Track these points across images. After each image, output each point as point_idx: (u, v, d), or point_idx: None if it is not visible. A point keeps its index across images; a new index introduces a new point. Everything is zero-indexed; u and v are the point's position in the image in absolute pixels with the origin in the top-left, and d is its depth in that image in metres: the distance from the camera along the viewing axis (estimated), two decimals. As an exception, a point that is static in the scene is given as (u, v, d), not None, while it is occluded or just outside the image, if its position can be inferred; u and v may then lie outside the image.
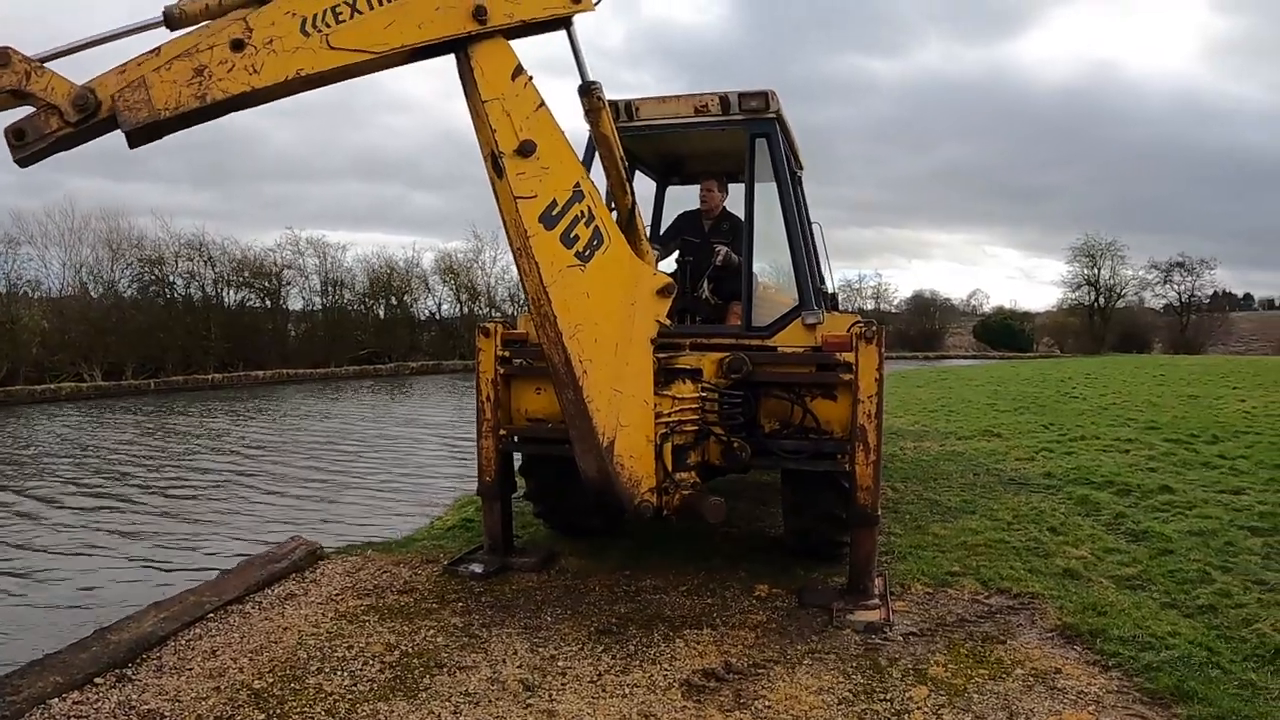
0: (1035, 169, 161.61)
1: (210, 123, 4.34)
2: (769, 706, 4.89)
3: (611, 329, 5.50)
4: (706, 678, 5.20)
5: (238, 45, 4.15)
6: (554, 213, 5.16)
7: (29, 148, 3.89)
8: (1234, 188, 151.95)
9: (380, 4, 4.48)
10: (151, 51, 4.13)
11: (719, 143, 7.86)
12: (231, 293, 42.69)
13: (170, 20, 4.15)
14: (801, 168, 8.80)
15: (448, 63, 4.88)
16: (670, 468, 6.11)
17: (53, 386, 29.53)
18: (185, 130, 4.26)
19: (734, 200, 8.18)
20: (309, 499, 12.99)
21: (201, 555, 9.81)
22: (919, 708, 4.87)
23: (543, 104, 5.15)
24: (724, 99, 7.16)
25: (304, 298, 46.26)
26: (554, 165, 5.16)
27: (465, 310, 50.91)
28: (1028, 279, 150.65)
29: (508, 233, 5.26)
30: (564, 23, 5.24)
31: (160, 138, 4.19)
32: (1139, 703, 4.93)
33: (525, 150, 5.00)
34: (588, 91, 5.65)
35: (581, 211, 5.29)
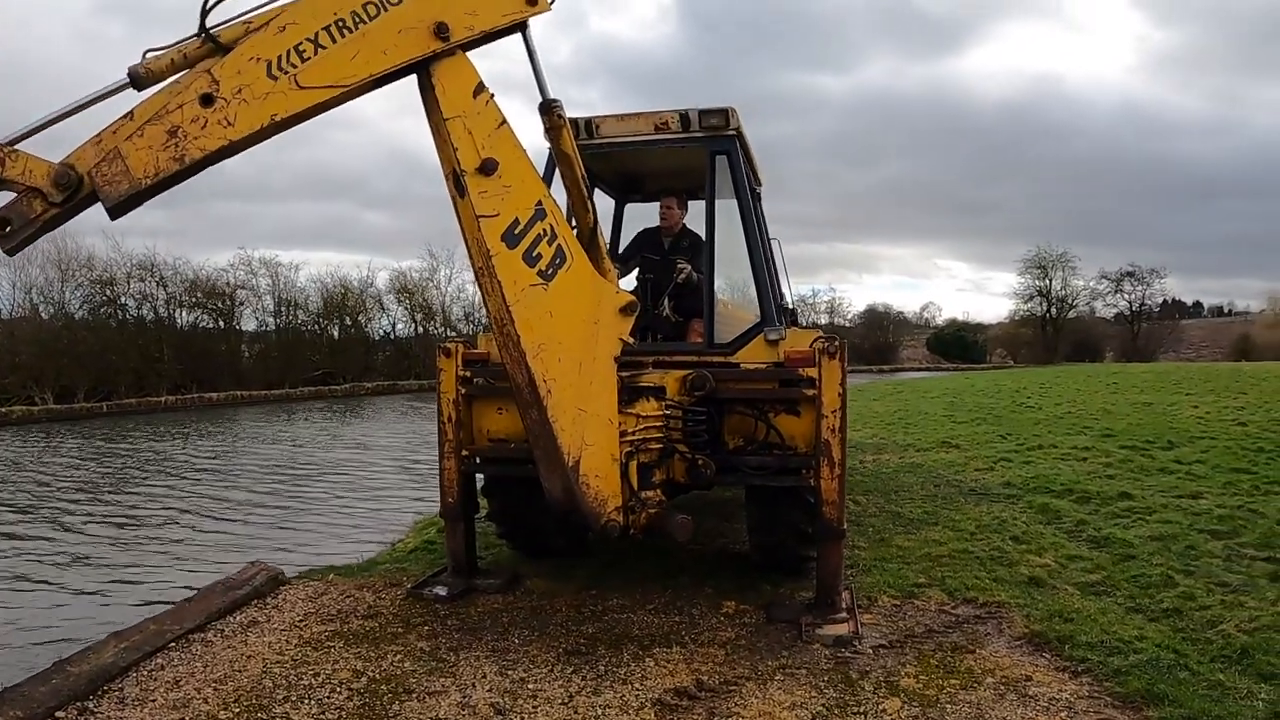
0: (981, 182, 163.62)
1: None
2: (742, 724, 4.87)
3: (575, 348, 5.47)
4: (679, 696, 5.17)
5: (207, 100, 4.08)
6: (516, 231, 5.11)
7: (16, 236, 3.83)
8: (1178, 198, 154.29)
9: (342, 36, 4.42)
10: (124, 116, 4.07)
11: (679, 160, 7.88)
12: (184, 314, 42.27)
13: (136, 80, 4.08)
14: (760, 184, 8.82)
15: (400, 81, 4.83)
16: (636, 486, 6.08)
17: (3, 410, 29.02)
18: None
19: (694, 217, 8.19)
20: (266, 524, 12.80)
21: (154, 584, 9.62)
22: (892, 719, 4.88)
23: (504, 121, 5.11)
24: (684, 116, 7.17)
25: (258, 318, 45.86)
26: (516, 183, 5.11)
27: (420, 330, 50.71)
28: (979, 291, 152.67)
29: (469, 252, 5.21)
30: (520, 27, 5.19)
31: (142, 204, 4.10)
32: (1110, 707, 4.97)
33: (487, 169, 4.95)
34: (548, 110, 5.59)
35: (544, 230, 5.24)
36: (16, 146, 3.82)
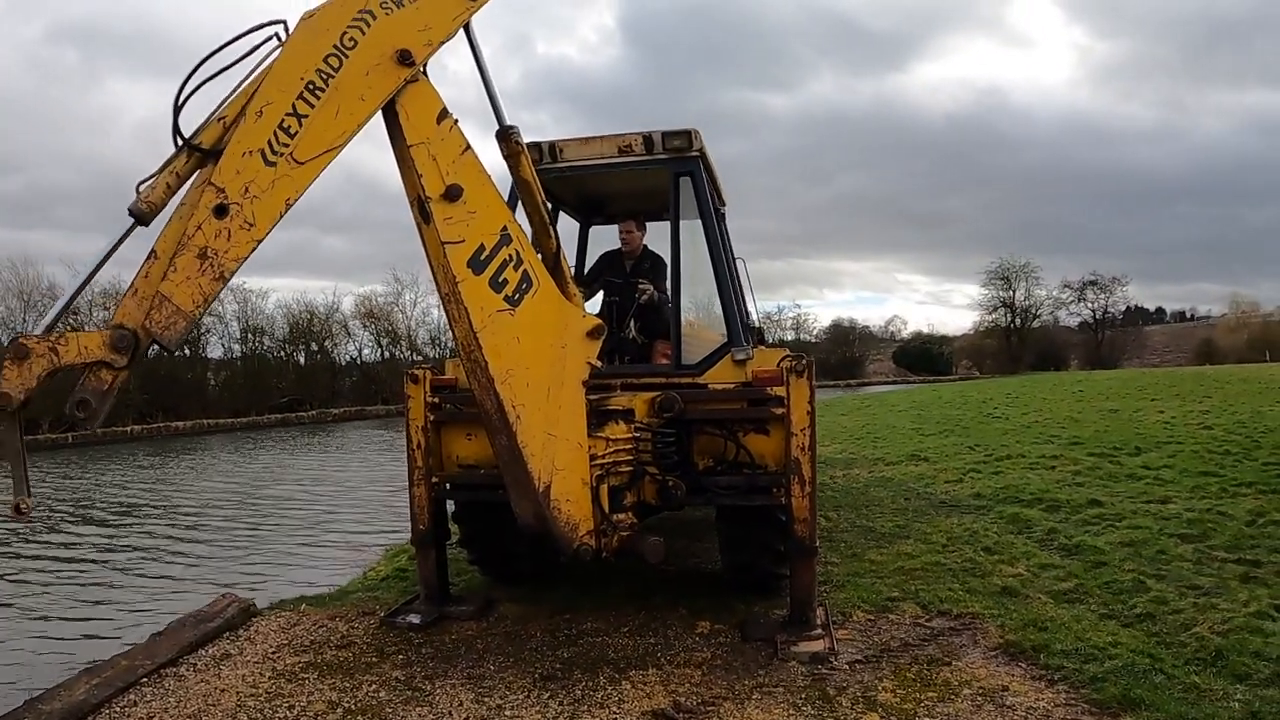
0: (934, 195, 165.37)
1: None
2: (721, 745, 4.85)
3: (543, 373, 5.46)
4: (657, 718, 5.15)
5: (221, 211, 4.09)
6: (482, 257, 5.10)
7: (98, 412, 3.89)
8: (1131, 206, 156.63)
9: (317, 98, 4.39)
10: (148, 258, 4.10)
11: (643, 182, 7.88)
12: (149, 342, 41.87)
13: (141, 217, 4.06)
14: (725, 204, 8.85)
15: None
16: (607, 509, 6.07)
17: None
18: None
19: (657, 238, 8.20)
20: (234, 556, 12.68)
21: (123, 618, 9.50)
22: (870, 736, 4.88)
23: (468, 147, 5.10)
24: (648, 138, 7.19)
25: (223, 345, 45.55)
26: (481, 209, 5.10)
27: (387, 354, 50.54)
28: (940, 303, 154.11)
29: (435, 278, 5.20)
30: (465, 28, 5.13)
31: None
32: (1087, 714, 4.99)
33: (452, 195, 4.93)
34: (506, 136, 5.58)
35: (510, 255, 5.24)
36: (56, 330, 3.92)
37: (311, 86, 4.37)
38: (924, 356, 76.09)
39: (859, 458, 16.52)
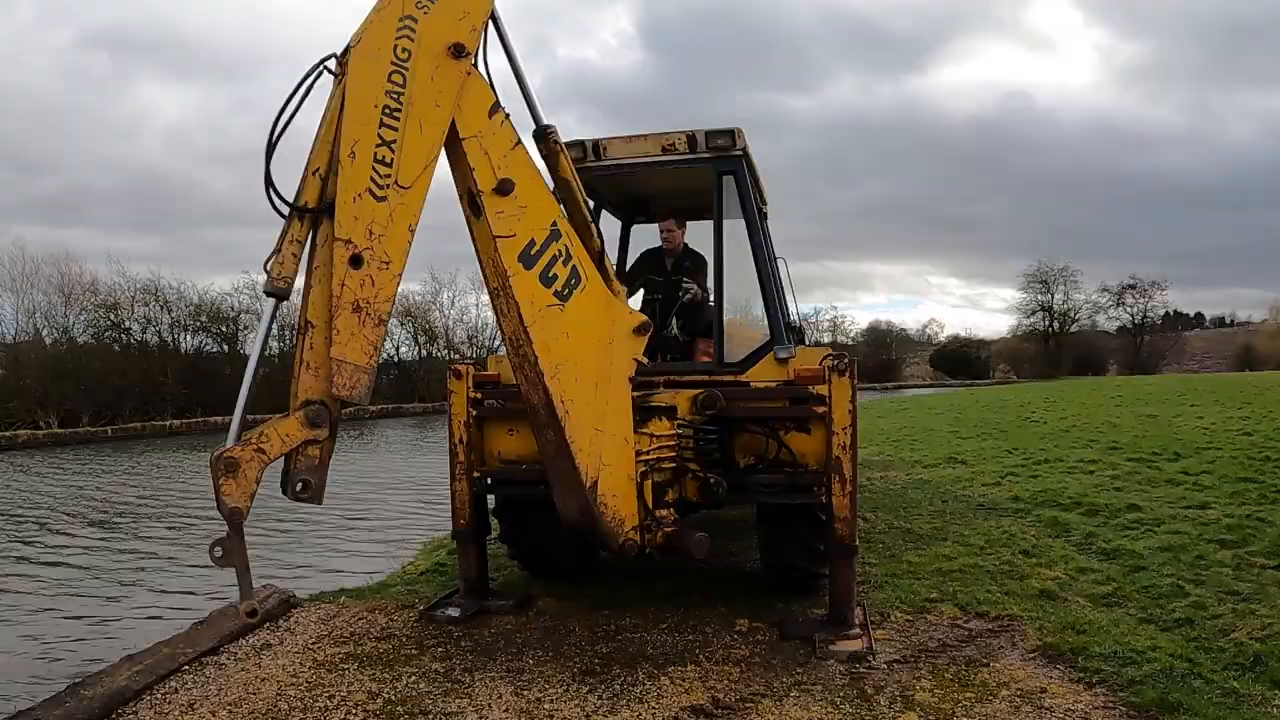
0: (963, 199, 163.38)
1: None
2: (759, 741, 4.88)
3: (591, 368, 5.48)
4: (695, 714, 5.18)
5: (356, 261, 4.20)
6: (533, 252, 5.10)
7: (320, 489, 4.22)
8: (1163, 211, 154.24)
9: (397, 120, 4.41)
10: (304, 330, 4.26)
11: (685, 181, 7.90)
12: (188, 337, 42.36)
13: (281, 295, 4.22)
14: (766, 203, 8.87)
15: None
16: (651, 505, 6.10)
17: (8, 434, 29.04)
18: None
19: (701, 237, 8.22)
20: (274, 549, 12.77)
21: (165, 607, 9.62)
22: (909, 735, 4.89)
23: (519, 142, 5.10)
24: (691, 137, 7.22)
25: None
26: (531, 204, 5.11)
27: (424, 353, 50.72)
28: (974, 307, 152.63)
29: (485, 273, 5.21)
30: (498, 27, 5.06)
31: None
32: (1126, 717, 4.98)
33: (504, 189, 4.92)
34: (544, 136, 5.55)
35: (559, 250, 5.25)
36: (245, 432, 4.10)
37: (389, 110, 4.38)
38: (961, 360, 75.64)
39: (896, 460, 16.49)
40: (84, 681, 5.93)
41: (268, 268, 4.14)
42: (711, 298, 7.76)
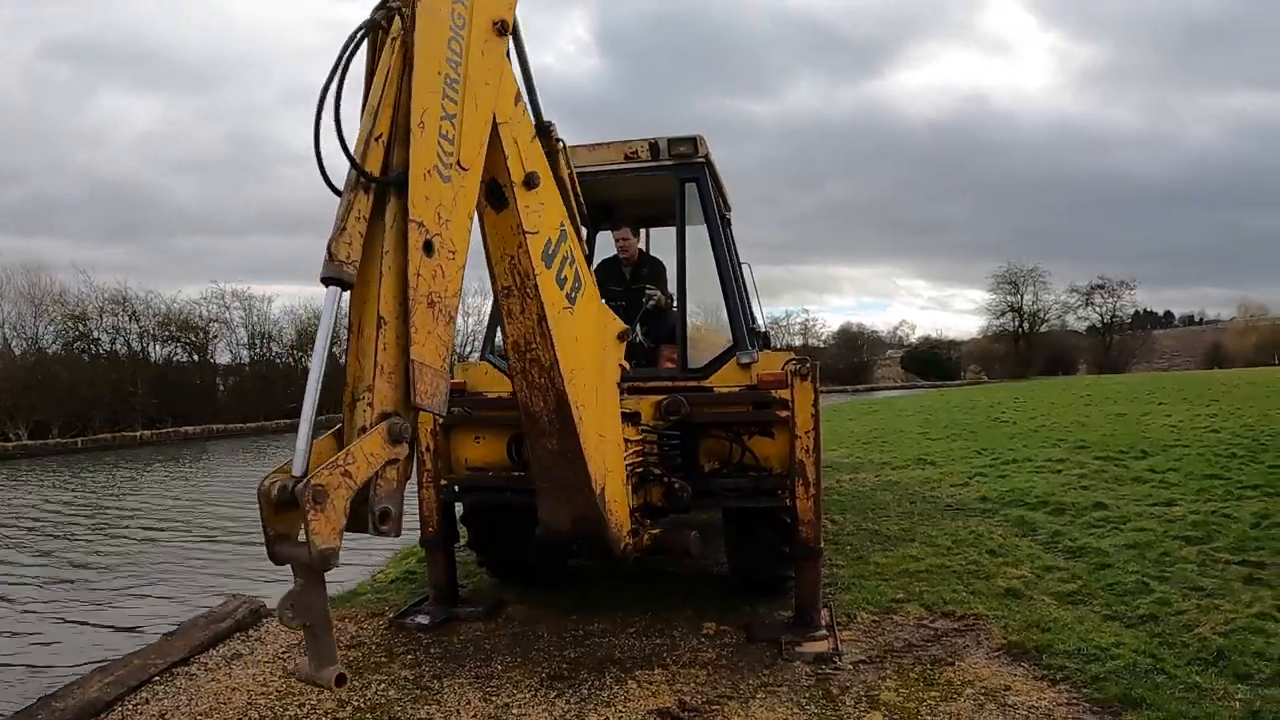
0: (925, 202, 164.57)
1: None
2: (725, 743, 4.90)
3: (593, 373, 5.37)
4: (662, 717, 5.20)
5: (429, 248, 3.60)
6: (549, 251, 4.82)
7: (399, 512, 3.44)
8: (1126, 211, 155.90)
9: (457, 93, 3.88)
10: (377, 325, 3.47)
11: (648, 188, 7.92)
12: (158, 347, 42.03)
13: (345, 282, 3.40)
14: (730, 209, 8.90)
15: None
16: (632, 509, 6.12)
17: (-22, 448, 28.79)
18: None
19: (665, 244, 8.24)
20: (244, 558, 12.69)
21: (134, 619, 9.55)
22: (873, 734, 4.93)
23: (535, 134, 4.80)
24: (653, 145, 7.25)
25: (231, 351, 45.54)
26: (549, 201, 4.84)
27: (396, 361, 50.49)
28: (942, 308, 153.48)
29: (494, 272, 4.79)
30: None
31: None
32: (1089, 713, 5.04)
33: (531, 182, 4.60)
34: (545, 132, 5.02)
35: (568, 252, 5.02)
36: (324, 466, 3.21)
37: (450, 81, 3.85)
38: (932, 361, 76.04)
39: (866, 462, 16.57)
40: (55, 694, 5.91)
41: (333, 249, 3.37)
42: (675, 304, 7.78)
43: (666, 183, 7.43)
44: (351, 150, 3.50)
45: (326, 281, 3.38)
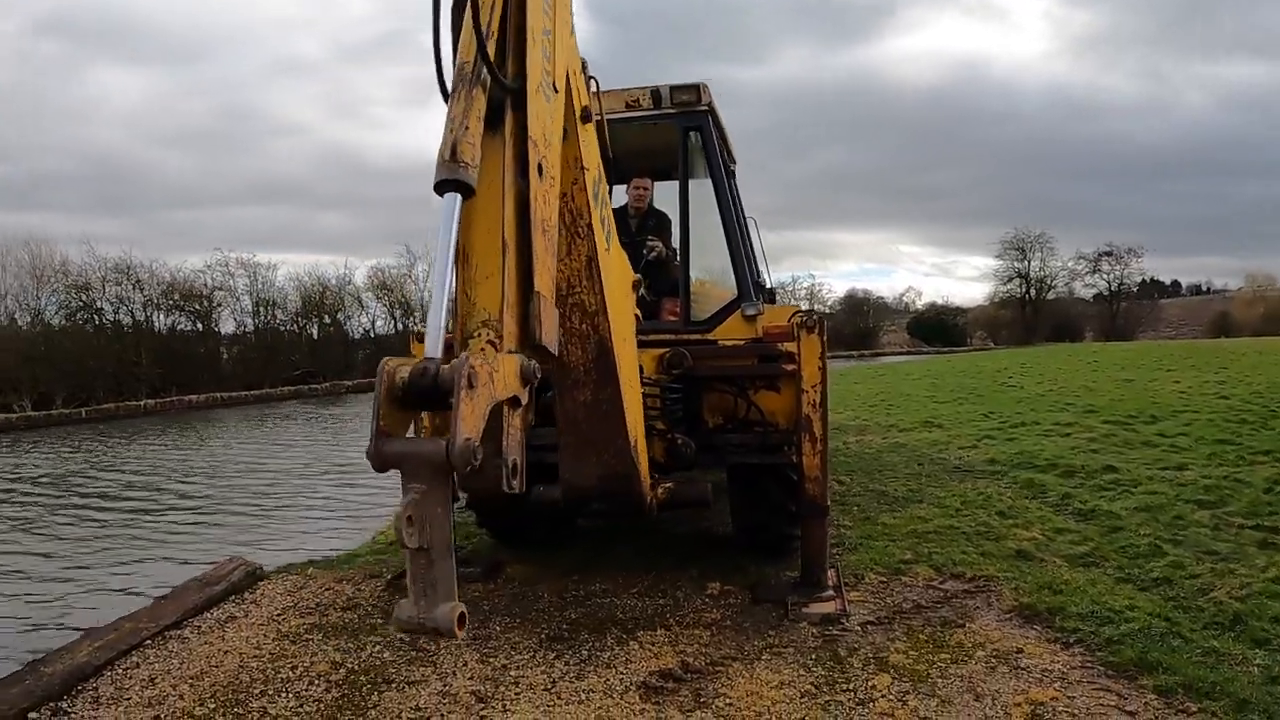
0: (923, 169, 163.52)
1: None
2: (730, 704, 4.78)
3: (625, 321, 5.16)
4: (664, 679, 5.08)
5: (540, 170, 3.22)
6: (596, 190, 4.53)
7: (524, 466, 2.86)
8: (1125, 179, 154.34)
9: (551, 12, 3.50)
10: (501, 252, 3.01)
11: (650, 138, 7.72)
12: (162, 317, 41.86)
13: (467, 188, 2.85)
14: (735, 161, 8.70)
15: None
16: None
17: (-18, 418, 28.69)
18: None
19: (668, 197, 8.05)
20: (242, 523, 12.59)
21: (128, 582, 9.44)
22: (883, 695, 4.79)
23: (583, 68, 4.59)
24: (655, 92, 7.06)
25: (236, 319, 45.37)
26: (591, 140, 4.57)
27: (400, 326, 50.39)
28: (945, 275, 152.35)
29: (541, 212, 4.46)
30: None
31: None
32: (1104, 676, 4.92)
33: (586, 116, 4.33)
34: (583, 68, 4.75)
35: (604, 195, 4.77)
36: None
37: None
38: (938, 327, 75.71)
39: (872, 424, 16.41)
40: (44, 658, 5.81)
41: (457, 149, 2.84)
42: (678, 258, 7.60)
43: (669, 132, 7.23)
44: (461, 55, 3.03)
45: (444, 187, 2.87)
